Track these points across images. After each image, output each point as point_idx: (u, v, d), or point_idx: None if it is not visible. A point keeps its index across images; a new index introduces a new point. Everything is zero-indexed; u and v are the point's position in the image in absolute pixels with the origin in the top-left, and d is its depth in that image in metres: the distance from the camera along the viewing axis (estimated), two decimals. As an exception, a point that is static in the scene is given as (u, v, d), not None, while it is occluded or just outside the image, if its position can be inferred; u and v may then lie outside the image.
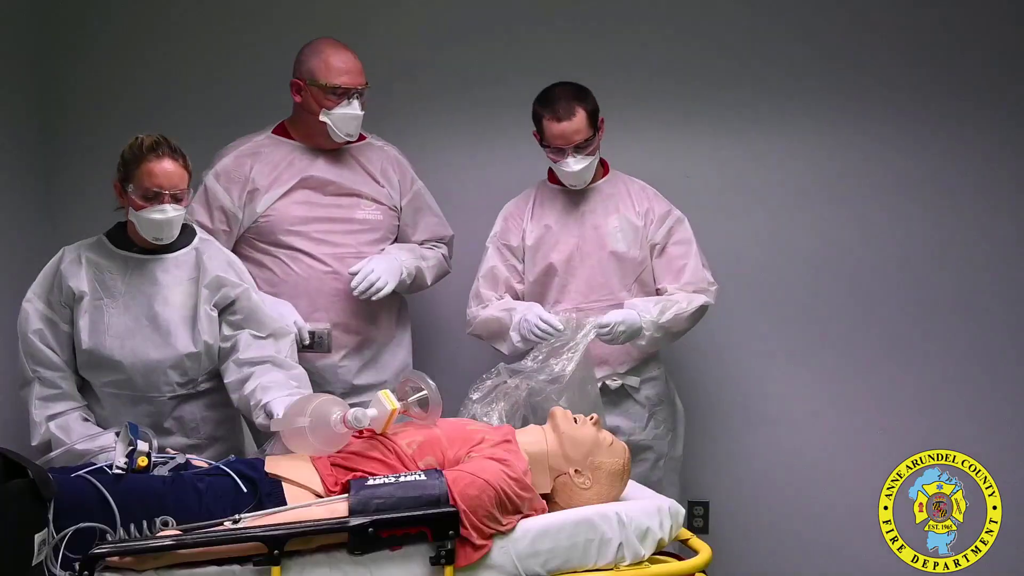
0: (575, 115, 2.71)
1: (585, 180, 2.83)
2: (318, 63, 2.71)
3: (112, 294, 2.40)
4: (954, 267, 3.30)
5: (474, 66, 3.30)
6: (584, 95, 2.76)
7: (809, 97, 3.28)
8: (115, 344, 2.38)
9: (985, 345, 3.29)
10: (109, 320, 2.39)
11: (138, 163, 2.33)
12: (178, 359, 2.42)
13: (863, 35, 3.28)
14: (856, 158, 3.30)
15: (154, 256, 2.44)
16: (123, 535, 1.83)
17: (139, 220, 2.37)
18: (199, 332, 2.42)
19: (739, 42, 3.29)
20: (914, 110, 3.27)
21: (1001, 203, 3.29)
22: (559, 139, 2.74)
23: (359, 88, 2.73)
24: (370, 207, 2.85)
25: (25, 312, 2.41)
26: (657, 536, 2.04)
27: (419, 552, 1.91)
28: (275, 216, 2.76)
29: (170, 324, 2.41)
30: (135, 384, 2.40)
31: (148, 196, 2.34)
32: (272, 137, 2.84)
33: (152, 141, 2.35)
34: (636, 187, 2.92)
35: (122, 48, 3.22)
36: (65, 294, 2.39)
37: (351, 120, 2.74)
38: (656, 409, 2.90)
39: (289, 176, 2.78)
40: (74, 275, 2.40)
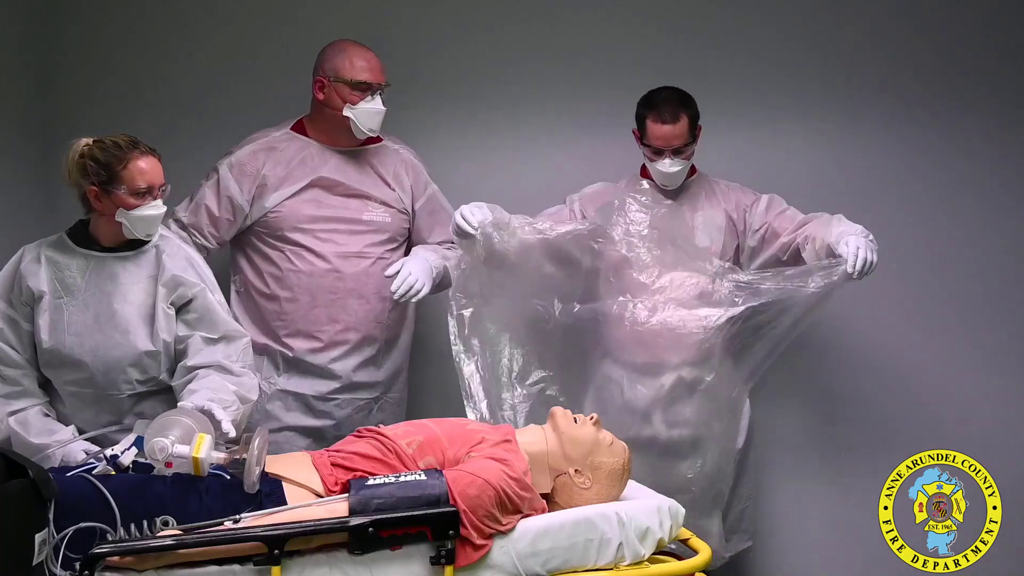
0: (679, 120, 2.81)
1: (677, 183, 2.91)
2: (343, 60, 2.78)
3: (72, 292, 2.40)
4: (952, 266, 3.30)
5: (489, 67, 3.30)
6: (689, 102, 2.85)
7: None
8: (75, 342, 2.38)
9: (985, 345, 3.29)
10: (69, 318, 2.39)
11: (123, 163, 2.33)
12: (137, 357, 2.41)
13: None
14: (867, 158, 3.30)
15: (116, 254, 2.44)
16: (123, 535, 1.83)
17: (131, 219, 2.37)
18: (157, 330, 2.42)
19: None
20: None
21: (1000, 203, 3.29)
22: (660, 140, 2.82)
23: (381, 85, 2.80)
24: (378, 209, 2.88)
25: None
26: (657, 536, 2.04)
27: (419, 552, 1.91)
28: (284, 213, 2.81)
29: (128, 322, 2.41)
30: (96, 382, 2.40)
31: (140, 193, 2.35)
32: (289, 133, 2.89)
33: (128, 140, 2.37)
34: (721, 186, 3.00)
35: (123, 48, 3.21)
36: (25, 293, 2.39)
37: (374, 115, 2.80)
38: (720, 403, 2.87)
39: (301, 175, 2.83)
40: (33, 274, 2.39)
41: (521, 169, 3.28)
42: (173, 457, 1.97)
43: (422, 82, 3.23)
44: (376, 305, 2.87)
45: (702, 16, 3.31)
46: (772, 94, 3.30)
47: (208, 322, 2.47)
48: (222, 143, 2.98)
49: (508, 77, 3.29)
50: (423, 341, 3.14)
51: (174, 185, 3.12)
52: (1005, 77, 3.29)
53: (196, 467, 1.96)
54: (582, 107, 3.28)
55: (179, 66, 3.22)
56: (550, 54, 3.29)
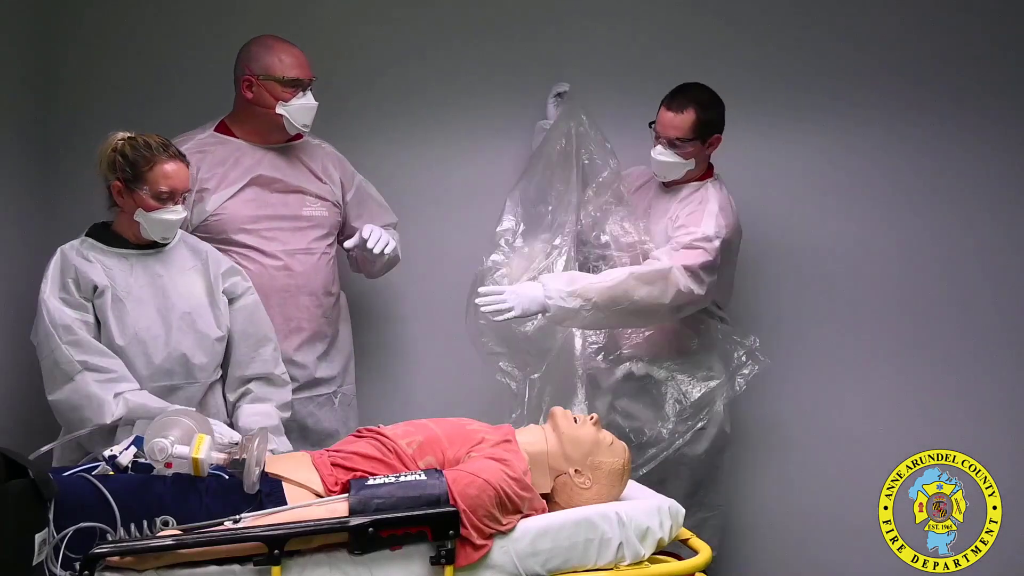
0: (684, 112, 2.78)
1: (666, 176, 2.88)
2: (271, 58, 2.76)
3: (127, 291, 2.40)
4: (953, 267, 3.29)
5: (457, 63, 3.29)
6: (708, 104, 2.80)
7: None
8: (147, 338, 2.40)
9: (985, 345, 3.29)
10: (134, 316, 2.39)
11: (150, 164, 2.35)
12: (210, 344, 2.48)
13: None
14: (874, 159, 3.30)
15: (150, 251, 2.46)
16: (123, 535, 1.83)
17: (149, 221, 2.39)
18: (220, 317, 2.49)
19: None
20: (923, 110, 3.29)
21: (1000, 203, 3.29)
22: (659, 125, 2.82)
23: (311, 80, 2.80)
24: (315, 204, 2.88)
25: (48, 307, 2.35)
26: (657, 536, 2.04)
27: (419, 552, 1.91)
28: (226, 215, 2.76)
29: (192, 312, 2.46)
30: (172, 374, 2.42)
31: (161, 197, 2.37)
32: (215, 135, 2.85)
33: (160, 142, 2.38)
34: (710, 192, 2.86)
35: (123, 48, 3.21)
36: (84, 288, 2.37)
37: (308, 111, 2.79)
38: (689, 406, 2.89)
39: (237, 175, 2.80)
40: (90, 269, 2.39)
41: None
42: (173, 457, 1.97)
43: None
44: (324, 300, 2.88)
45: (692, 17, 3.31)
46: (768, 96, 3.30)
47: (256, 319, 2.57)
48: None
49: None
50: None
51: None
52: (1005, 78, 3.29)
53: (196, 467, 1.97)
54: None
55: (179, 66, 3.21)
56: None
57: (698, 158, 2.85)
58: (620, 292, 2.65)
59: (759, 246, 3.28)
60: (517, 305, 2.62)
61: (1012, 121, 3.28)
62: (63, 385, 2.33)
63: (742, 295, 3.25)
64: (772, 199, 3.30)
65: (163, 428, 2.03)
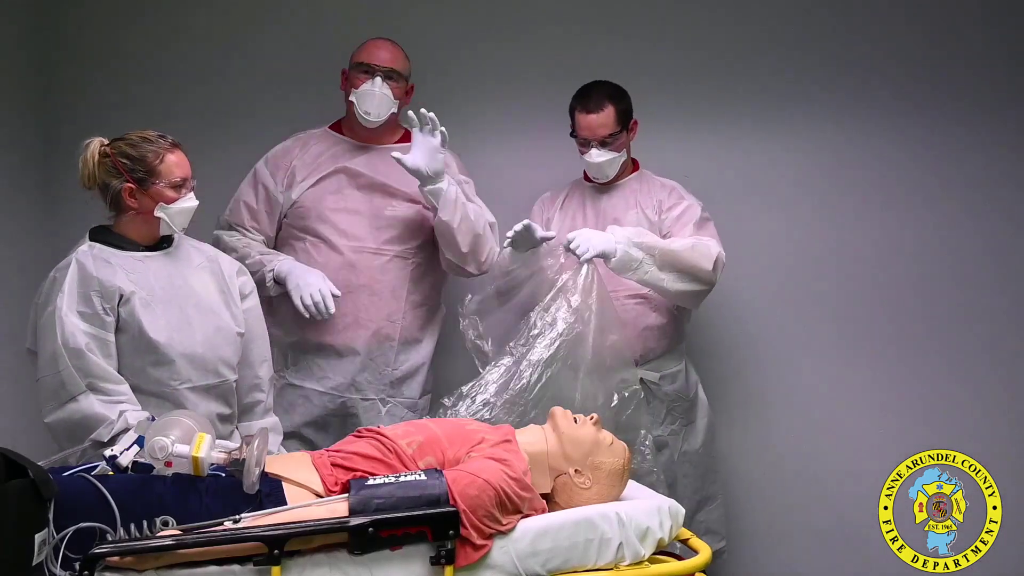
0: (603, 110, 2.82)
1: (607, 174, 2.91)
2: (358, 49, 2.82)
3: (150, 292, 2.36)
4: (954, 267, 3.30)
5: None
6: (618, 95, 2.87)
7: (827, 96, 3.30)
8: (180, 336, 2.37)
9: (985, 345, 3.29)
10: (166, 316, 2.36)
11: (158, 156, 2.33)
12: (235, 339, 2.47)
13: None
14: (868, 159, 3.31)
15: (159, 251, 2.44)
16: (123, 535, 1.83)
17: (172, 213, 2.36)
18: (237, 314, 2.49)
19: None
20: (922, 109, 3.29)
21: (1002, 204, 3.29)
22: (585, 130, 2.85)
23: (383, 68, 2.78)
24: (402, 206, 2.86)
25: (62, 325, 2.24)
26: (657, 536, 2.04)
27: (419, 552, 1.91)
28: (307, 203, 2.82)
29: (214, 309, 2.45)
30: (210, 371, 2.40)
31: (177, 186, 2.35)
32: (325, 131, 2.92)
33: (156, 134, 2.36)
34: (656, 184, 2.98)
35: (124, 47, 3.21)
36: (109, 298, 2.29)
37: (370, 97, 2.78)
38: (674, 405, 2.92)
39: (327, 165, 2.85)
40: (114, 276, 2.32)
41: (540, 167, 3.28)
42: (173, 457, 1.97)
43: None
44: (391, 303, 2.85)
45: (687, 18, 3.33)
46: (751, 96, 3.32)
47: (252, 326, 2.56)
48: (224, 142, 2.98)
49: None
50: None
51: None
52: (1007, 76, 3.29)
53: (196, 467, 1.97)
54: None
55: (180, 65, 3.21)
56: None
57: (626, 148, 2.92)
58: (678, 253, 2.72)
59: (759, 246, 3.29)
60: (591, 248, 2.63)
61: (1014, 121, 3.28)
62: (65, 404, 2.23)
63: (742, 295, 3.26)
64: (772, 199, 3.31)
65: (164, 427, 2.03)
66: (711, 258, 2.76)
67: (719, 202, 3.08)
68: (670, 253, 2.71)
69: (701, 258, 2.75)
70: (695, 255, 2.75)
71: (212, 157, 2.96)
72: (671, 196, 2.94)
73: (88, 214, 3.15)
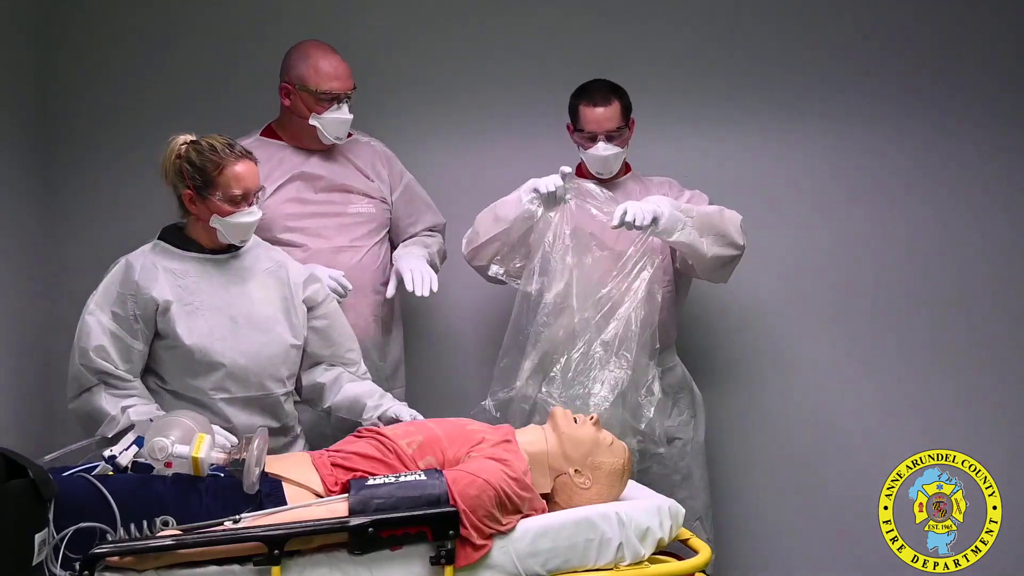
0: (611, 103, 2.82)
1: (611, 169, 2.90)
2: (307, 69, 2.75)
3: (200, 298, 2.34)
4: (954, 267, 3.30)
5: (466, 61, 3.30)
6: (621, 91, 2.86)
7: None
8: (223, 347, 2.34)
9: (986, 345, 3.29)
10: (209, 324, 2.34)
11: (219, 168, 2.29)
12: (286, 352, 2.43)
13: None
14: (866, 159, 3.30)
15: (224, 255, 2.41)
16: (123, 535, 1.83)
17: (227, 226, 2.33)
18: (296, 326, 2.45)
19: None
20: (933, 107, 3.29)
21: (1002, 203, 3.29)
22: (593, 124, 2.82)
23: (348, 92, 2.77)
24: (361, 201, 2.87)
25: (87, 325, 2.30)
26: (657, 536, 2.04)
27: (419, 552, 1.91)
28: (268, 214, 2.74)
29: (268, 319, 2.41)
30: (249, 384, 2.37)
31: (236, 200, 2.31)
32: (261, 139, 2.86)
33: (224, 143, 2.32)
34: (654, 183, 2.97)
35: (123, 46, 3.21)
36: (143, 305, 2.30)
37: (341, 124, 2.79)
38: (678, 396, 2.94)
39: (280, 174, 2.80)
40: (153, 284, 2.31)
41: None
42: (173, 457, 1.97)
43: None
44: (372, 298, 2.87)
45: (691, 14, 3.31)
46: (751, 95, 3.30)
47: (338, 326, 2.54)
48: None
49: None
50: (411, 335, 3.14)
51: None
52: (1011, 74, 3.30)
53: (196, 467, 1.97)
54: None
55: (180, 66, 3.21)
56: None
57: (627, 144, 2.90)
58: (710, 215, 2.73)
59: (759, 246, 3.27)
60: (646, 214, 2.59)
61: (1016, 121, 3.28)
62: (80, 395, 2.31)
63: (741, 295, 3.26)
64: (773, 198, 3.30)
65: (163, 428, 2.02)
66: (737, 223, 2.78)
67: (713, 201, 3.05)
68: (705, 215, 2.71)
69: (730, 223, 2.76)
70: (725, 219, 2.75)
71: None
72: (672, 189, 2.94)
73: (88, 214, 3.17)
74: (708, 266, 2.78)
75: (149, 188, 3.13)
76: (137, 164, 3.13)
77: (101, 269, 3.11)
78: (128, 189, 3.14)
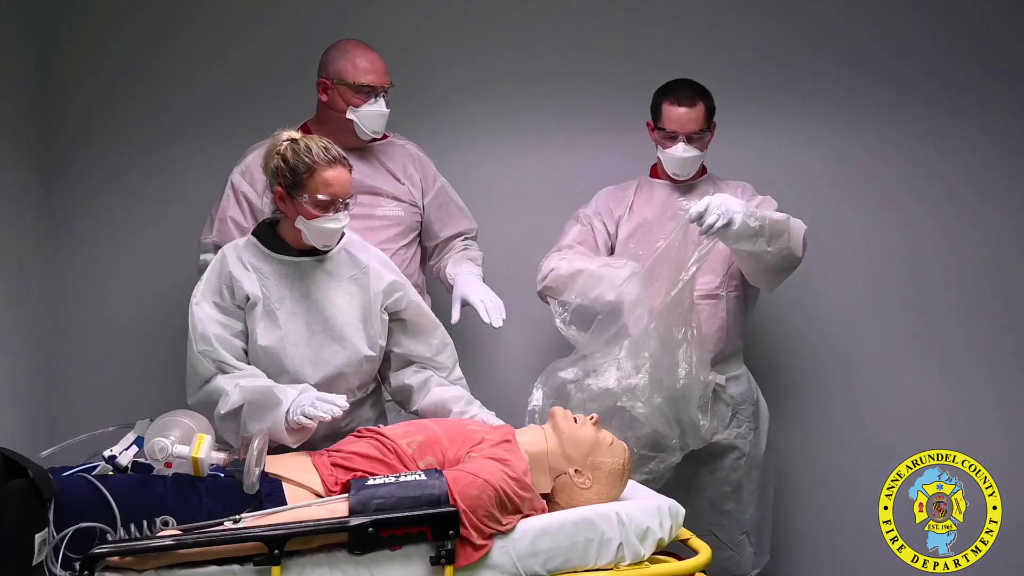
0: (696, 105, 2.78)
1: (688, 172, 2.85)
2: (345, 63, 2.76)
3: (279, 301, 2.34)
4: (954, 266, 3.30)
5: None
6: (706, 93, 2.82)
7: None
8: (295, 353, 2.34)
9: (986, 345, 3.29)
10: (285, 329, 2.34)
11: (310, 171, 2.27)
12: (359, 363, 2.40)
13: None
14: (862, 159, 3.30)
15: (311, 259, 2.39)
16: (123, 535, 1.83)
17: (311, 229, 2.31)
18: (373, 336, 2.42)
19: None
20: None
21: (1004, 203, 3.29)
22: (675, 123, 2.78)
23: (385, 87, 2.77)
24: (390, 204, 2.85)
25: (194, 313, 2.31)
26: (657, 536, 2.04)
27: (419, 552, 1.91)
28: None
29: (344, 328, 2.38)
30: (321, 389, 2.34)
31: (323, 205, 2.29)
32: None
33: (320, 146, 2.30)
34: (731, 185, 2.91)
35: (123, 45, 3.20)
36: (238, 297, 2.32)
37: (377, 117, 2.77)
38: (740, 407, 2.88)
39: None
40: (245, 278, 2.33)
41: (529, 170, 3.26)
42: (173, 457, 1.97)
43: (428, 85, 3.21)
44: None
45: (712, 14, 3.30)
46: (782, 91, 3.29)
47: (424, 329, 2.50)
48: (225, 143, 2.97)
49: (514, 78, 3.28)
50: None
51: (174, 187, 3.15)
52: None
53: (196, 467, 1.97)
54: (589, 107, 3.27)
55: (181, 65, 3.20)
56: (557, 53, 3.27)
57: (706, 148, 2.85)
58: (780, 223, 2.62)
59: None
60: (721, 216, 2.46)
61: (1017, 121, 3.28)
62: (200, 388, 2.29)
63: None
64: (775, 197, 3.29)
65: (163, 428, 2.03)
66: (801, 234, 2.68)
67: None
68: (772, 223, 2.59)
69: (795, 234, 2.66)
70: (791, 229, 2.65)
71: (214, 159, 2.96)
72: (746, 193, 2.86)
73: (88, 214, 3.17)
74: (763, 275, 2.74)
75: (149, 188, 3.16)
76: (137, 164, 3.14)
77: (101, 269, 3.14)
78: (128, 189, 3.14)
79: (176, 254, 3.06)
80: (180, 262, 2.99)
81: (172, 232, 3.11)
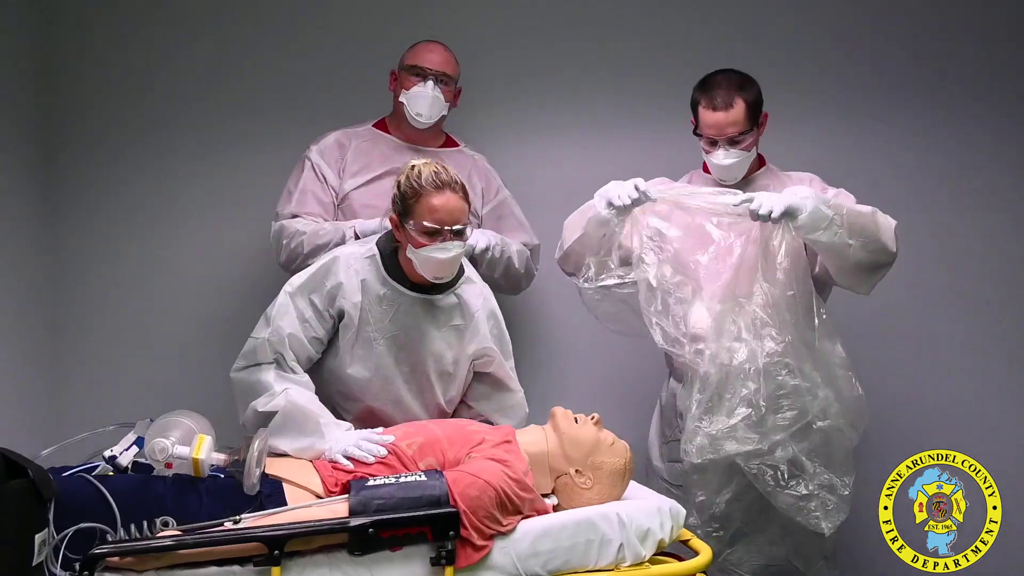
0: (733, 106, 2.53)
1: (735, 177, 2.62)
2: (410, 51, 2.80)
3: (380, 329, 2.33)
4: (954, 265, 3.30)
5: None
6: (747, 86, 2.58)
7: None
8: (373, 388, 2.35)
9: (986, 345, 3.29)
10: (377, 359, 2.33)
11: (416, 197, 2.22)
12: (432, 407, 2.41)
13: None
14: (868, 158, 3.29)
15: (423, 296, 2.35)
16: (123, 535, 1.83)
17: (419, 259, 2.26)
18: (455, 386, 2.42)
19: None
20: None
21: (1006, 203, 3.29)
22: (712, 129, 2.56)
23: (435, 71, 2.76)
24: None
25: (284, 305, 2.29)
26: (658, 537, 2.04)
27: (419, 552, 1.91)
28: (361, 200, 2.76)
29: (430, 375, 2.38)
30: (384, 423, 2.33)
31: (429, 233, 2.23)
32: (371, 129, 2.88)
33: (432, 171, 2.24)
34: (796, 177, 2.68)
35: (124, 45, 3.20)
36: (335, 307, 2.31)
37: (422, 99, 2.75)
38: None
39: (377, 165, 2.81)
40: (350, 295, 2.30)
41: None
42: (173, 458, 1.97)
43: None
44: None
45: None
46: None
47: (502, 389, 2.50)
48: (226, 143, 2.97)
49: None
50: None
51: (174, 187, 3.14)
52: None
53: (196, 468, 1.97)
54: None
55: (181, 66, 3.20)
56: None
57: (755, 145, 2.65)
58: (867, 219, 2.41)
59: None
60: (774, 207, 2.32)
61: (1018, 120, 3.28)
62: (249, 367, 2.27)
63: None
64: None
65: (164, 428, 2.02)
66: (892, 228, 2.46)
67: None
68: (856, 215, 2.37)
69: (884, 227, 2.44)
70: (878, 222, 2.43)
71: (215, 161, 2.96)
72: (814, 184, 2.62)
73: (88, 214, 3.16)
74: (851, 273, 2.49)
75: (149, 188, 3.15)
76: (139, 164, 3.13)
77: (101, 269, 3.14)
78: (128, 189, 3.13)
79: (178, 254, 3.06)
80: (182, 262, 2.99)
81: (173, 232, 3.11)
